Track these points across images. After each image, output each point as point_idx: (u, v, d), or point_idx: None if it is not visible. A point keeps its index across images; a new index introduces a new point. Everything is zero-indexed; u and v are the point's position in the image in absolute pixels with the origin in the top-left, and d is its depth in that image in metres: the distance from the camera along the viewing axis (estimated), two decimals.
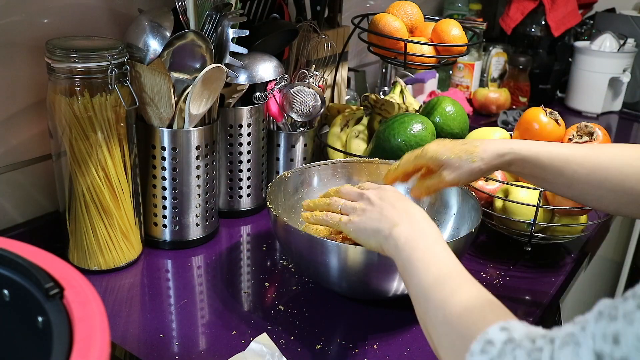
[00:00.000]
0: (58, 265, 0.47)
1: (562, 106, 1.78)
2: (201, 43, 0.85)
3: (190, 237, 0.93)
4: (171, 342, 0.72)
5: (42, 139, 0.86)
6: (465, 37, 1.07)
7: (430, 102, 1.17)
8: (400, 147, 1.04)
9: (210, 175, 0.93)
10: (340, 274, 0.76)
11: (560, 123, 1.01)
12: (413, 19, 1.11)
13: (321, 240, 0.74)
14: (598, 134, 1.01)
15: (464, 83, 1.72)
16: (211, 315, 0.79)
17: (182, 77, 0.85)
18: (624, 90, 1.72)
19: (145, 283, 0.85)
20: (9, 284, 0.46)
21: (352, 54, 1.50)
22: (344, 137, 1.16)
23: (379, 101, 1.18)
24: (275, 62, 0.99)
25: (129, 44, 0.84)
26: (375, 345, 0.74)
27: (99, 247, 0.83)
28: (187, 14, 0.86)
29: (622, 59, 1.66)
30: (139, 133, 0.87)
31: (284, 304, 0.81)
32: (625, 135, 1.65)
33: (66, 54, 0.74)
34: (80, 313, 0.42)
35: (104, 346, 0.40)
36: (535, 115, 1.01)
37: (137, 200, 0.87)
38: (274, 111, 1.05)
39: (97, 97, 0.77)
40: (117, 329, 0.74)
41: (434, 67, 1.12)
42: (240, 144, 0.99)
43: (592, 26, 1.82)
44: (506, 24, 1.75)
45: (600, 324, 0.38)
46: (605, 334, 0.38)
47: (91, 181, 0.80)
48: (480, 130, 1.08)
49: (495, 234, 1.01)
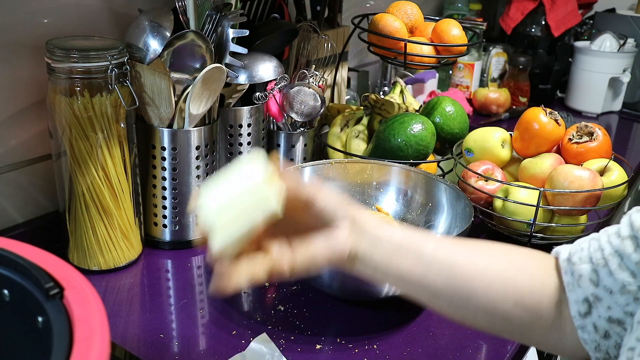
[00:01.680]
0: (58, 265, 0.47)
1: (562, 106, 1.78)
2: (201, 43, 0.85)
3: (190, 237, 0.93)
4: (171, 342, 0.72)
5: (42, 139, 0.86)
6: (465, 37, 1.07)
7: (430, 102, 1.17)
8: (400, 147, 1.04)
9: (210, 175, 0.93)
10: (330, 276, 0.76)
11: (560, 123, 1.01)
12: (413, 19, 1.11)
13: None
14: (598, 134, 1.01)
15: (464, 83, 1.72)
16: (211, 315, 0.78)
17: (182, 77, 0.85)
18: (624, 90, 1.72)
19: (145, 283, 0.85)
20: (9, 284, 0.46)
21: (352, 54, 1.50)
22: (344, 137, 1.16)
23: (379, 101, 1.18)
24: (275, 62, 0.99)
25: (129, 44, 0.84)
26: (375, 345, 0.74)
27: (99, 247, 0.83)
28: (187, 14, 0.86)
29: (622, 59, 1.66)
30: (139, 133, 0.87)
31: (284, 304, 0.81)
32: (625, 135, 1.65)
33: (66, 54, 0.74)
34: (80, 313, 0.42)
35: (104, 346, 0.40)
36: (535, 115, 1.01)
37: (137, 200, 0.87)
38: (274, 111, 1.05)
39: (97, 97, 0.77)
40: (117, 329, 0.74)
41: (434, 67, 1.12)
42: (240, 144, 0.99)
43: (592, 26, 1.82)
44: (506, 24, 1.75)
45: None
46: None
47: (91, 181, 0.80)
48: (480, 130, 1.08)
49: (495, 234, 1.01)
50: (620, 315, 0.48)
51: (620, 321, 0.48)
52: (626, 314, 0.48)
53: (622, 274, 0.48)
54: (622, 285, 0.47)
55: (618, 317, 0.48)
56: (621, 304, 0.48)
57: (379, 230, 0.53)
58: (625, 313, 0.48)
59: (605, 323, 0.49)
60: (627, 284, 0.47)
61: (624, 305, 0.48)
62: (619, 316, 0.48)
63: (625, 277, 0.47)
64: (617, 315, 0.48)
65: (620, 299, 0.48)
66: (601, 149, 1.00)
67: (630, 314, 0.48)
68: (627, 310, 0.48)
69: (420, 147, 1.03)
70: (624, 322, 0.48)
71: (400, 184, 0.97)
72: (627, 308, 0.48)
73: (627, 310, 0.48)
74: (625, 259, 0.48)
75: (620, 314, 0.48)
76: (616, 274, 0.48)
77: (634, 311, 0.47)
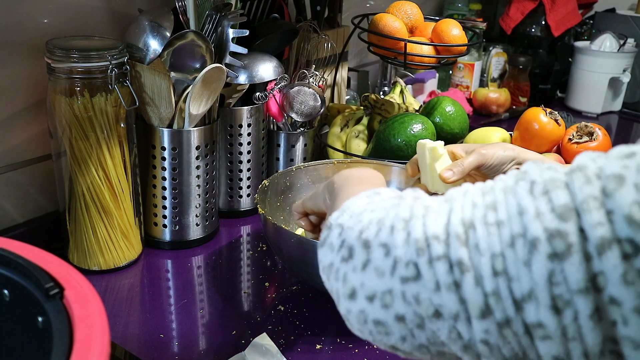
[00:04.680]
0: (58, 265, 0.47)
1: (562, 106, 1.79)
2: (201, 43, 0.85)
3: (190, 237, 0.93)
4: (171, 342, 0.72)
5: (42, 139, 0.86)
6: (465, 37, 1.07)
7: (430, 102, 1.17)
8: (400, 147, 1.04)
9: (210, 175, 0.93)
10: None
11: (560, 123, 1.01)
12: (413, 19, 1.11)
13: (311, 241, 0.74)
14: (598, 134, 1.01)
15: (464, 83, 1.72)
16: (211, 315, 0.78)
17: (182, 77, 0.85)
18: (624, 90, 1.72)
19: (145, 283, 0.85)
20: (9, 284, 0.46)
21: (352, 54, 1.50)
22: (344, 137, 1.16)
23: (379, 101, 1.18)
24: (275, 62, 0.99)
25: (129, 44, 0.84)
26: (375, 345, 0.74)
27: (99, 247, 0.83)
28: (187, 14, 0.86)
29: (622, 59, 1.66)
30: (139, 133, 0.87)
31: (284, 304, 0.81)
32: (625, 135, 1.65)
33: (66, 54, 0.74)
34: (80, 313, 0.42)
35: (104, 346, 0.40)
36: (535, 115, 1.01)
37: (137, 200, 0.87)
38: (274, 111, 1.05)
39: (97, 97, 0.77)
40: (117, 329, 0.74)
41: (434, 67, 1.12)
42: (240, 144, 0.99)
43: (592, 26, 1.82)
44: (506, 24, 1.75)
45: (471, 196, 0.38)
46: (477, 203, 0.37)
47: (91, 181, 0.80)
48: (480, 130, 1.08)
49: None
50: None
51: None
52: None
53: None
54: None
55: None
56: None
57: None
58: None
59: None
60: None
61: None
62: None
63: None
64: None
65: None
66: (601, 149, 1.00)
67: None
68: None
69: None
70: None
71: (400, 184, 0.97)
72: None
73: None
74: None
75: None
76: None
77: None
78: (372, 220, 0.41)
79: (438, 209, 0.38)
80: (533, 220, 0.33)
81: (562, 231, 0.32)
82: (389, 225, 0.39)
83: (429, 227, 0.37)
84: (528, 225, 0.33)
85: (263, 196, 0.87)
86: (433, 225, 0.37)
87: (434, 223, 0.37)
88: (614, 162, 0.32)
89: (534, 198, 0.34)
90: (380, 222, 0.40)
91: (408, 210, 0.39)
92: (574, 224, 0.32)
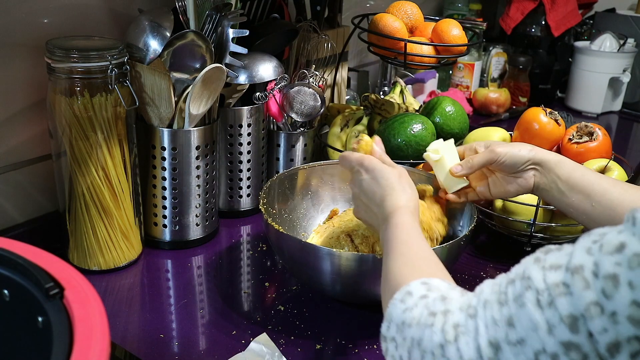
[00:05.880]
0: (58, 265, 0.47)
1: (562, 106, 1.78)
2: (201, 43, 0.85)
3: (190, 237, 0.93)
4: (171, 342, 0.72)
5: (42, 139, 0.86)
6: (465, 37, 1.07)
7: (430, 102, 1.17)
8: (400, 147, 1.04)
9: (210, 175, 0.93)
10: (332, 279, 0.75)
11: (560, 123, 1.01)
12: (413, 19, 1.11)
13: (313, 246, 0.74)
14: (598, 134, 1.01)
15: (464, 83, 1.72)
16: (211, 315, 0.79)
17: (182, 77, 0.85)
18: (624, 90, 1.72)
19: (145, 283, 0.85)
20: (9, 284, 0.46)
21: (352, 54, 1.50)
22: (344, 137, 1.16)
23: (379, 101, 1.18)
24: (275, 62, 0.99)
25: (129, 44, 0.84)
26: (375, 345, 0.74)
27: (99, 247, 0.83)
28: (187, 14, 0.86)
29: (622, 59, 1.66)
30: (139, 133, 0.87)
31: (284, 304, 0.81)
32: (625, 135, 1.65)
33: (66, 54, 0.74)
34: (80, 313, 0.42)
35: (104, 346, 0.40)
36: (535, 115, 1.01)
37: (137, 200, 0.87)
38: (274, 111, 1.05)
39: (97, 97, 0.77)
40: (117, 329, 0.74)
41: (434, 67, 1.12)
42: (240, 144, 0.99)
43: (592, 26, 1.82)
44: (506, 24, 1.75)
45: (490, 310, 0.41)
46: (497, 319, 0.40)
47: (91, 181, 0.80)
48: (480, 130, 1.08)
49: (495, 234, 1.01)
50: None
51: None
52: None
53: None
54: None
55: None
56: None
57: (557, 168, 0.72)
58: None
59: None
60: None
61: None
62: None
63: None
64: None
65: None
66: (601, 149, 1.00)
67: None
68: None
69: (420, 147, 1.03)
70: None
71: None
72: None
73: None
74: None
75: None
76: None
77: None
78: (414, 342, 0.46)
79: (465, 329, 0.43)
80: (547, 336, 0.37)
81: (575, 343, 0.36)
82: (430, 351, 0.44)
83: (464, 354, 0.42)
84: (545, 341, 0.38)
85: (266, 198, 0.86)
86: (467, 351, 0.42)
87: (466, 348, 0.42)
88: (606, 259, 0.36)
89: (542, 311, 0.38)
90: (420, 347, 0.45)
91: (440, 334, 0.44)
92: (584, 333, 0.36)
